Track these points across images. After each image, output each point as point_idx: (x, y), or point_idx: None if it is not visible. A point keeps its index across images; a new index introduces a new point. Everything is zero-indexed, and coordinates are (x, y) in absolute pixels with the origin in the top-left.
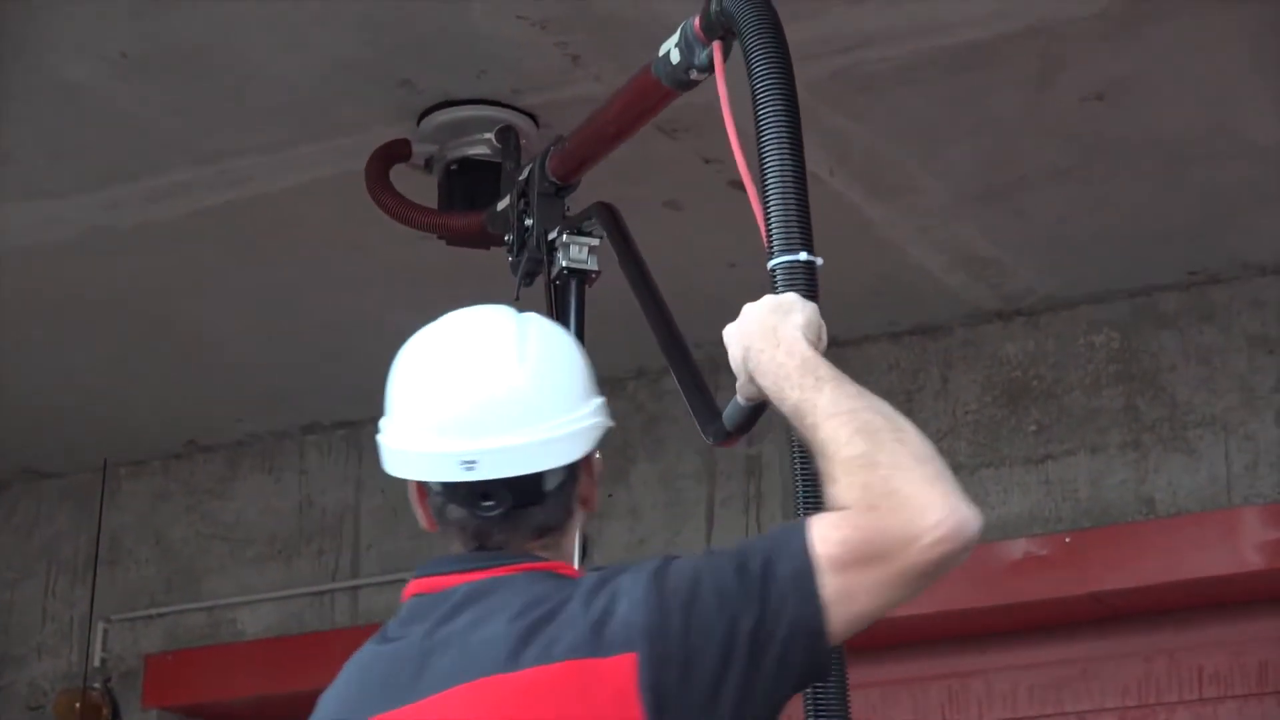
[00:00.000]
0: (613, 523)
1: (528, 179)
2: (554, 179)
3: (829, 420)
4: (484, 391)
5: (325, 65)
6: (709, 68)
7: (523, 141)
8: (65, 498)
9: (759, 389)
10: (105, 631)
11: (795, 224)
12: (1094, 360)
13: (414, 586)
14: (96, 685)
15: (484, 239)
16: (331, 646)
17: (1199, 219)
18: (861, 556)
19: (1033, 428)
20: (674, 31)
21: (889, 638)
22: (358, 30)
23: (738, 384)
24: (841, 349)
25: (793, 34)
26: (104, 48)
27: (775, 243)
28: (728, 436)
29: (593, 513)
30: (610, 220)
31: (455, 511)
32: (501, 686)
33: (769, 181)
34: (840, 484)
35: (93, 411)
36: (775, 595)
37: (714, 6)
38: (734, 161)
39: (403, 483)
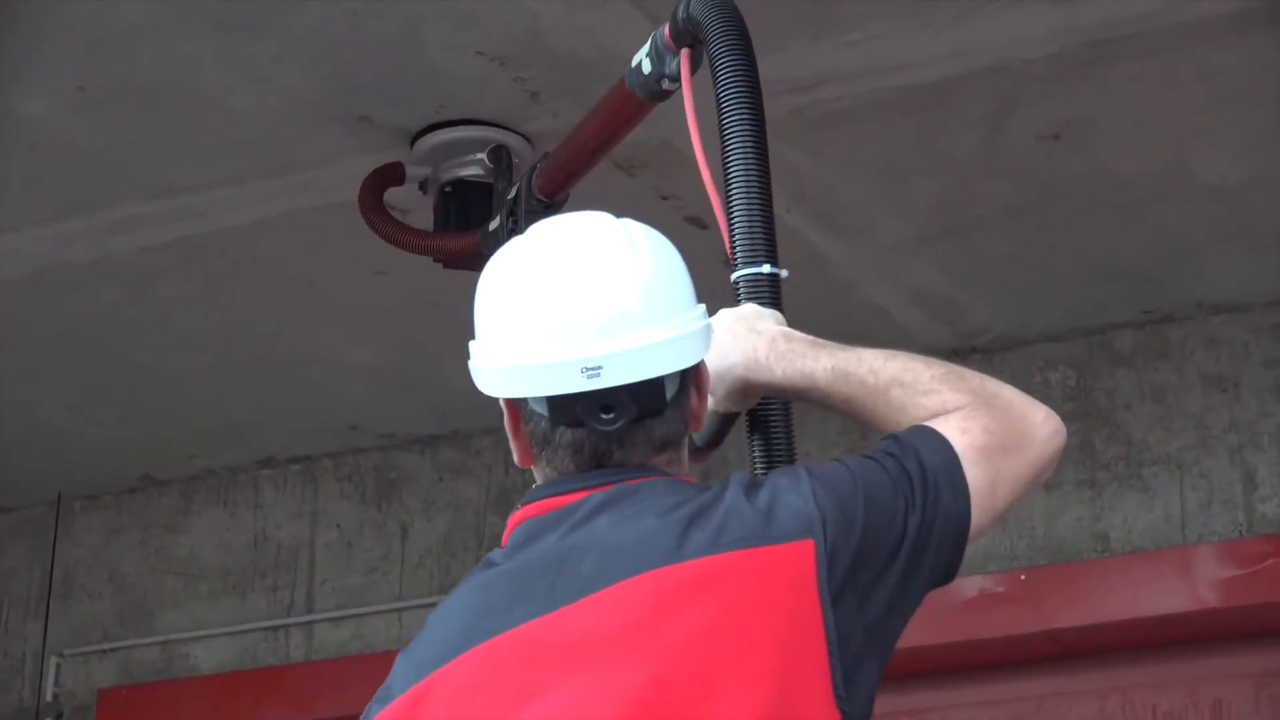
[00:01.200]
0: None
1: (516, 197)
2: (541, 196)
3: (892, 359)
4: (607, 289)
5: (283, 101)
6: (679, 77)
7: (515, 160)
8: (18, 531)
9: (737, 398)
10: (58, 666)
11: (760, 236)
12: (1049, 398)
13: (523, 512)
14: None
15: (477, 259)
16: (285, 681)
17: (1154, 258)
18: (999, 445)
19: None
20: (627, 64)
21: None
22: (316, 66)
23: (712, 398)
24: None
25: None
26: (61, 81)
27: (739, 255)
28: (697, 451)
29: (698, 431)
30: None
31: (567, 433)
32: (669, 578)
33: (733, 193)
34: (943, 393)
35: (47, 445)
36: (932, 489)
37: (680, 13)
38: (697, 195)
39: (358, 516)
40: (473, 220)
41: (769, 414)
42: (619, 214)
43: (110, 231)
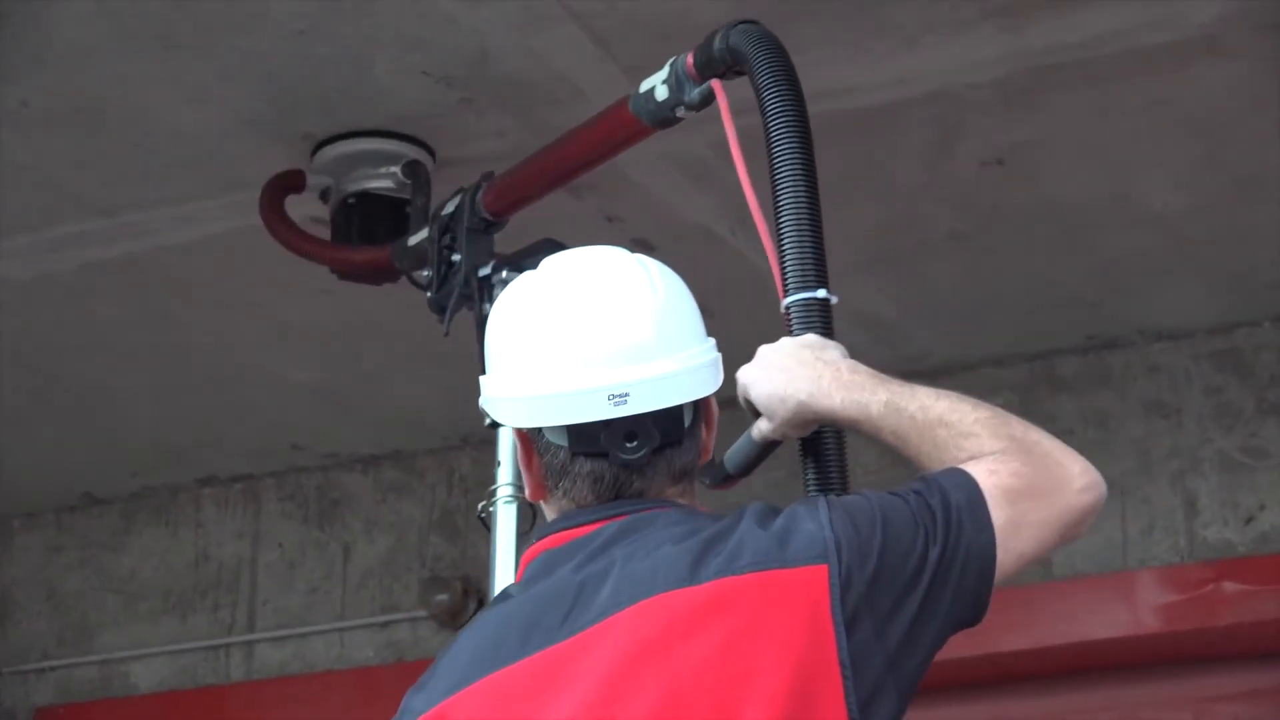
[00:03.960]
0: None
1: (454, 214)
2: (488, 215)
3: (941, 399)
4: (630, 319)
5: (227, 120)
6: (699, 105)
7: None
8: None
9: (796, 425)
10: None
11: (811, 261)
12: None
13: (539, 546)
14: None
15: (382, 274)
16: (226, 701)
17: (1097, 285)
18: (1028, 490)
19: None
20: (574, 86)
21: None
22: (260, 85)
23: (760, 422)
24: (737, 409)
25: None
26: (3, 98)
27: (791, 280)
28: (728, 479)
29: (707, 461)
30: None
31: (587, 463)
32: (682, 601)
33: (784, 218)
34: (981, 437)
35: None
36: (955, 523)
37: (718, 44)
38: (643, 217)
39: (301, 535)
40: (375, 234)
41: (824, 441)
42: (565, 234)
43: (51, 249)
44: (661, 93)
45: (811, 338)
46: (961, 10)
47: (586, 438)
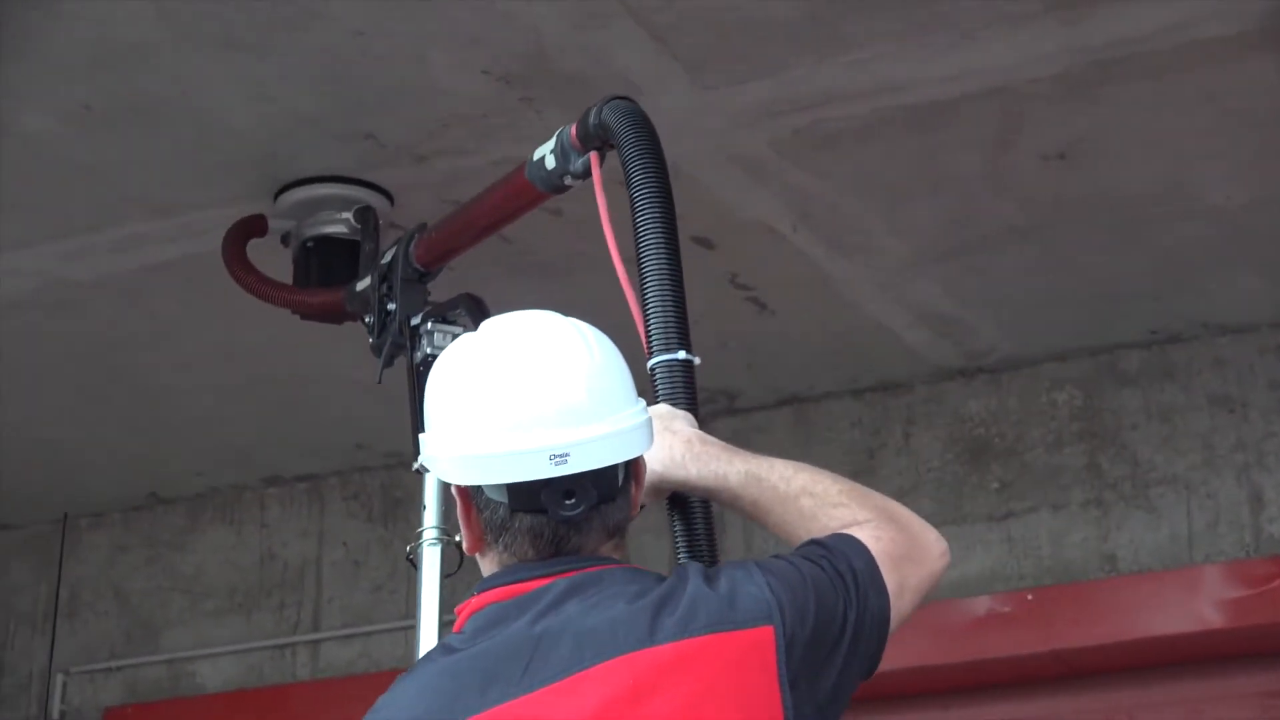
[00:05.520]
0: None
1: (390, 264)
2: (418, 266)
3: (800, 471)
4: (570, 382)
5: (286, 119)
6: (583, 174)
7: (380, 221)
8: (25, 550)
9: (649, 493)
10: (64, 684)
11: (674, 324)
12: (1056, 418)
13: (483, 599)
14: None
15: (340, 316)
16: (291, 699)
17: (1159, 279)
18: (905, 555)
19: (995, 485)
20: (633, 83)
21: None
22: (319, 85)
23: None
24: (803, 405)
25: (755, 91)
26: (66, 100)
27: (654, 342)
28: None
29: (634, 518)
30: (477, 311)
31: (526, 519)
32: (645, 661)
33: (648, 285)
34: (851, 507)
35: (53, 463)
36: (861, 589)
37: (593, 119)
38: (702, 214)
39: (365, 534)
40: (334, 276)
41: (690, 503)
42: (622, 233)
43: (113, 250)
44: (550, 161)
45: (661, 408)
46: (1021, 4)
47: (527, 495)
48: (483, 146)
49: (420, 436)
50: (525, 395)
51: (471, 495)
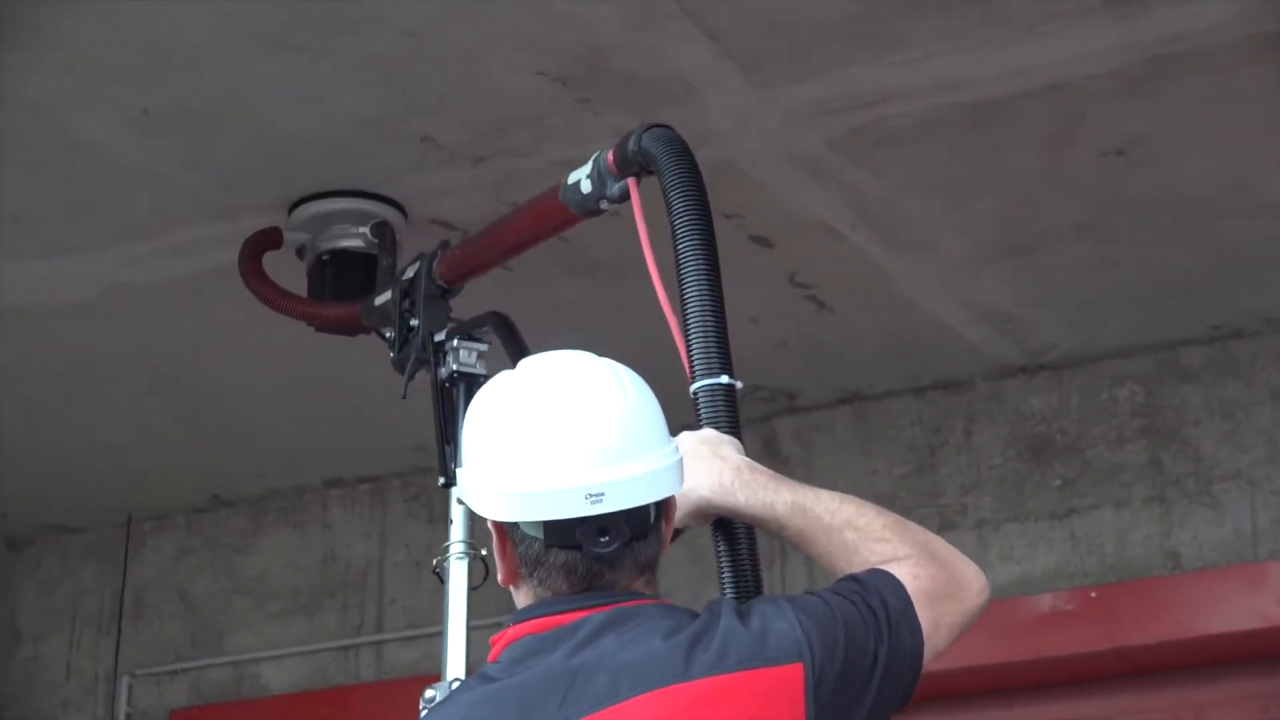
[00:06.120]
0: None
1: (413, 280)
2: (441, 282)
3: (845, 503)
4: (606, 423)
5: (343, 122)
6: (619, 199)
7: (395, 235)
8: (89, 553)
9: (696, 517)
10: (130, 686)
11: (715, 349)
12: (1118, 414)
13: (519, 629)
14: None
15: (355, 329)
16: (355, 701)
17: (1220, 274)
18: (942, 592)
19: (1057, 482)
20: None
21: (916, 692)
22: (376, 87)
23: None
24: (864, 403)
25: (812, 90)
26: (124, 104)
27: (696, 367)
28: None
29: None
30: (504, 329)
31: (561, 555)
32: (681, 695)
33: (690, 310)
34: (893, 542)
35: (116, 467)
36: (894, 624)
37: (632, 145)
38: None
39: (426, 535)
40: (347, 289)
41: (735, 528)
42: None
43: (173, 254)
44: (586, 186)
45: (709, 433)
46: (1077, 0)
47: (562, 532)
48: (540, 148)
49: (458, 470)
50: (563, 436)
51: (507, 530)
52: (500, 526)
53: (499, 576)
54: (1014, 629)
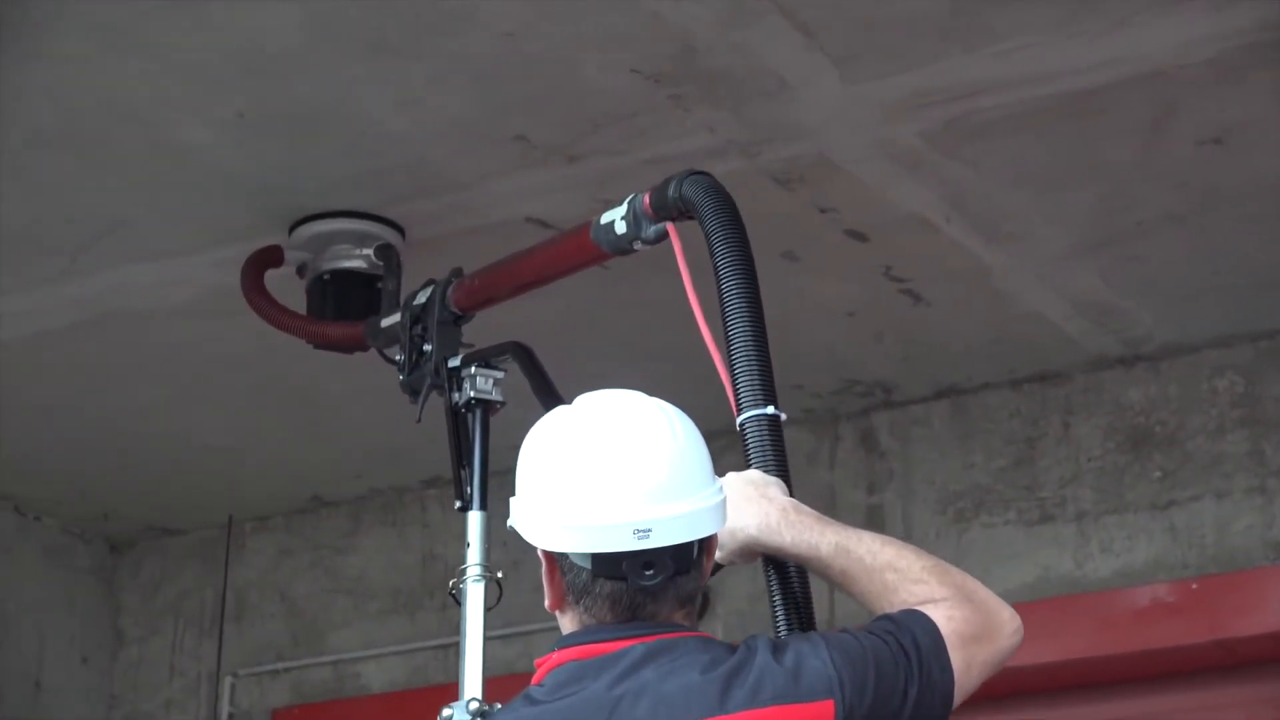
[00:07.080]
0: None
1: (425, 306)
2: (455, 309)
3: (887, 546)
4: (655, 463)
5: (437, 123)
6: (654, 240)
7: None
8: (191, 554)
9: (743, 555)
10: (232, 686)
11: (760, 381)
12: (1217, 405)
13: (564, 655)
14: None
15: (355, 348)
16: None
17: None
18: (976, 634)
19: (1157, 474)
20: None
21: (1013, 686)
22: (469, 87)
23: (719, 552)
24: (960, 396)
25: (907, 83)
26: (221, 109)
27: (743, 399)
28: None
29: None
30: (526, 360)
31: (607, 585)
32: None
33: (735, 346)
34: (930, 584)
35: (216, 469)
36: (925, 664)
37: (672, 191)
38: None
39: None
40: (348, 309)
41: (786, 566)
42: (778, 228)
43: None
44: (620, 227)
45: (755, 474)
46: None
47: (609, 563)
48: (633, 146)
49: (511, 499)
50: (616, 473)
51: (557, 559)
52: (550, 555)
53: (546, 601)
54: (1114, 621)
